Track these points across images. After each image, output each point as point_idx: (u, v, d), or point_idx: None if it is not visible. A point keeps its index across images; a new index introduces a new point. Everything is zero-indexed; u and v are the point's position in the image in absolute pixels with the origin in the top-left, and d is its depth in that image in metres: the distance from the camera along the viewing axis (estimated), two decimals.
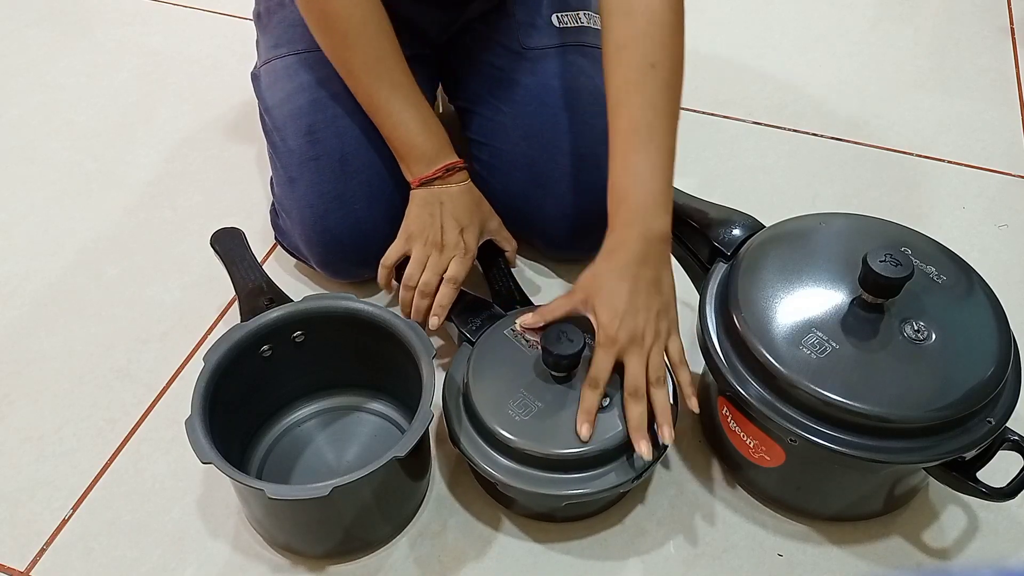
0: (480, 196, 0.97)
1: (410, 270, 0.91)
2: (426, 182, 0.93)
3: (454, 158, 0.94)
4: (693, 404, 0.80)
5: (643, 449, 0.75)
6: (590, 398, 0.77)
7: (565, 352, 0.77)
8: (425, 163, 0.93)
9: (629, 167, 0.81)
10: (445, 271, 0.90)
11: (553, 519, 0.83)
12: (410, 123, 0.93)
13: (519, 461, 0.77)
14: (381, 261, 0.93)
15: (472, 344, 0.85)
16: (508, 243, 0.99)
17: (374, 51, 0.92)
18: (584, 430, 0.76)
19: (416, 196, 0.94)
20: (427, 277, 0.90)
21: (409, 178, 0.94)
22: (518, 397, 0.79)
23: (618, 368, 0.78)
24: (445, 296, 0.89)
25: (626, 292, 0.78)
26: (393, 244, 0.93)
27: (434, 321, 0.89)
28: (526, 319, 0.84)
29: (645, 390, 0.77)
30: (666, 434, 0.76)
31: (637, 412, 0.76)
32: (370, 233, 0.96)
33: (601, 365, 0.77)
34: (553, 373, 0.80)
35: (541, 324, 0.82)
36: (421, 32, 1.04)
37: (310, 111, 0.97)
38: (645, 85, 0.82)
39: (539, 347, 0.80)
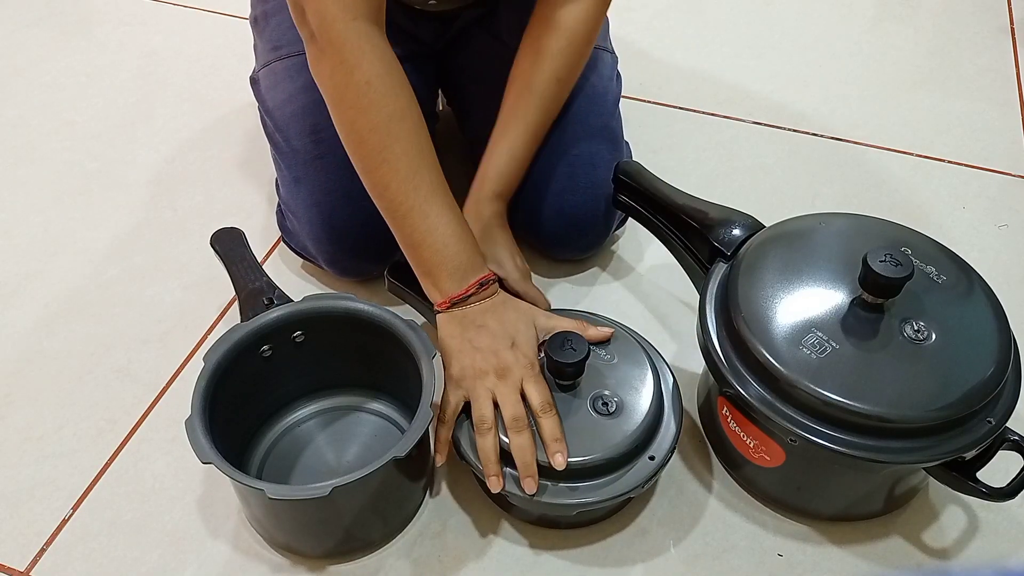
0: (515, 298, 0.85)
1: (479, 412, 0.77)
2: (457, 302, 0.81)
3: (487, 270, 0.83)
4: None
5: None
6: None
7: (569, 360, 0.77)
8: (458, 278, 0.81)
9: (504, 149, 0.95)
10: (524, 398, 0.78)
11: (557, 525, 0.83)
12: (446, 229, 0.81)
13: None
14: (440, 418, 0.80)
15: None
16: (577, 328, 0.82)
17: (407, 160, 0.81)
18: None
19: (446, 323, 0.81)
20: (514, 412, 0.76)
21: (436, 298, 0.82)
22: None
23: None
24: (555, 428, 0.76)
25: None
26: (444, 397, 0.80)
27: (559, 460, 0.75)
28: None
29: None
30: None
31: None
32: (378, 229, 0.95)
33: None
34: (557, 381, 0.79)
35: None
36: (417, 38, 1.04)
37: (314, 110, 0.97)
38: (544, 97, 0.95)
39: (543, 354, 0.80)
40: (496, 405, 0.77)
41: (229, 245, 0.92)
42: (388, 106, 0.81)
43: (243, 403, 0.83)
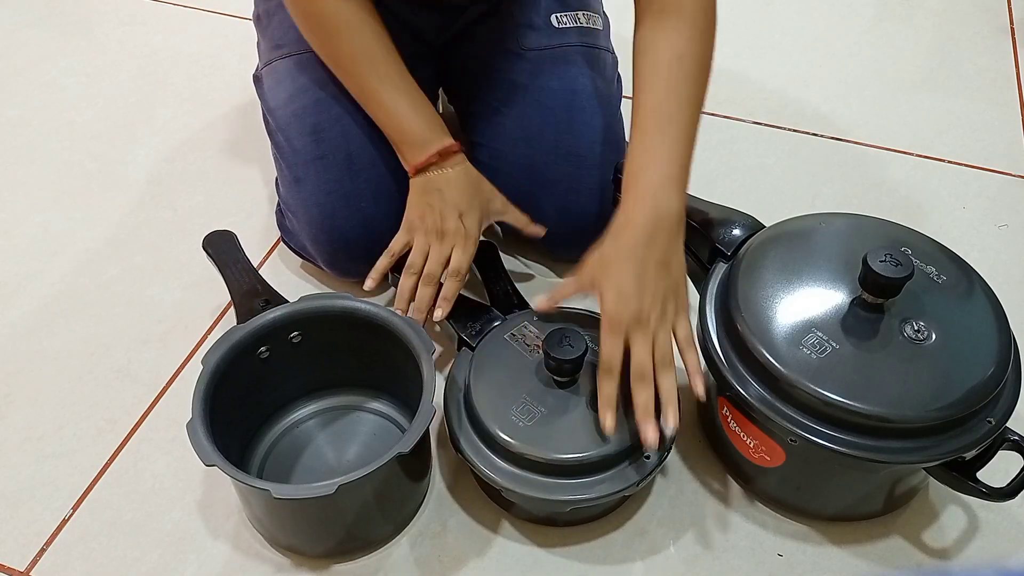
0: (479, 177, 0.96)
1: (412, 257, 0.90)
2: (422, 169, 0.92)
3: (448, 141, 0.93)
4: (699, 389, 0.77)
5: (649, 435, 0.74)
6: (608, 387, 0.76)
7: (567, 356, 0.77)
8: (419, 149, 0.92)
9: (646, 147, 0.83)
10: (448, 262, 0.89)
11: (555, 523, 0.83)
12: (401, 109, 0.93)
13: (524, 467, 0.77)
14: (385, 250, 0.92)
15: (472, 349, 0.85)
16: (518, 221, 0.97)
17: (361, 44, 0.92)
18: (608, 421, 0.75)
19: (414, 185, 0.93)
20: (430, 268, 0.89)
21: (406, 167, 0.94)
22: (521, 403, 0.79)
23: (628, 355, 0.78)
24: (450, 289, 0.88)
25: (631, 274, 0.77)
26: (396, 235, 0.92)
27: (437, 313, 0.88)
28: (540, 303, 0.85)
29: (652, 374, 0.76)
30: (671, 419, 0.75)
31: (643, 397, 0.75)
32: (378, 231, 0.96)
33: (609, 351, 0.76)
34: (556, 378, 0.79)
35: (553, 305, 0.85)
36: (419, 34, 1.04)
37: (314, 110, 0.97)
38: (671, 73, 0.84)
39: (541, 351, 0.80)
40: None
41: (221, 247, 0.92)
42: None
43: (242, 404, 0.83)
